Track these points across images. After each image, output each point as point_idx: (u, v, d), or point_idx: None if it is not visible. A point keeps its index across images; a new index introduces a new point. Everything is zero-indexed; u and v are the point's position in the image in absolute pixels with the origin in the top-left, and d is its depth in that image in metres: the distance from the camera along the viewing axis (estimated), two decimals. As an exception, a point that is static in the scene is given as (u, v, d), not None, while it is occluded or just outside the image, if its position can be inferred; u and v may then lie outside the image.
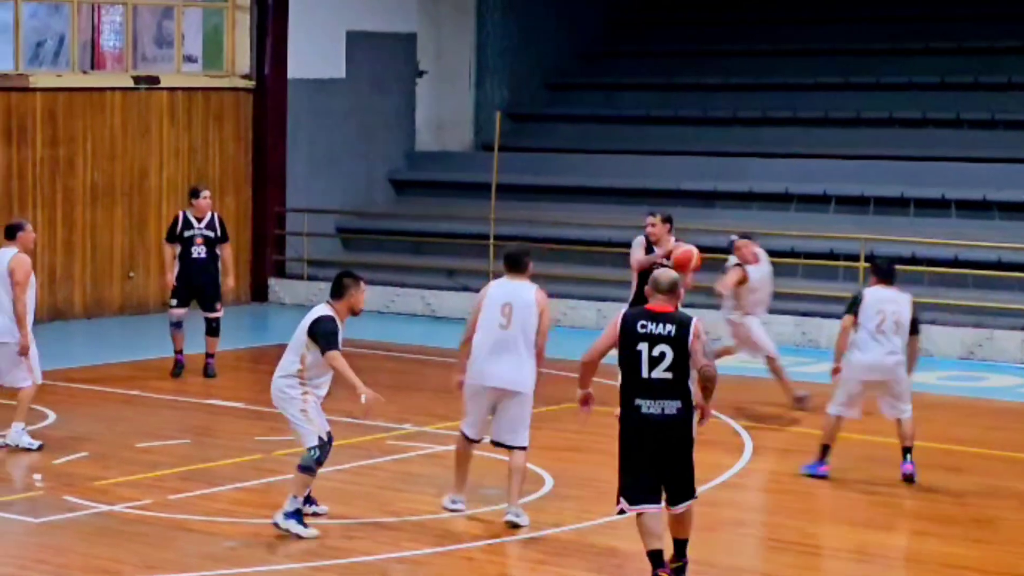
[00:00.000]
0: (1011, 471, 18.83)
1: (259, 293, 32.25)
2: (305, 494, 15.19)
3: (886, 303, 17.64)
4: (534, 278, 16.52)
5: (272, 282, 32.21)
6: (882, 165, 31.23)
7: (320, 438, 14.99)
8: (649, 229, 20.80)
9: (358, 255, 32.66)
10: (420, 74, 35.31)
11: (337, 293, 15.17)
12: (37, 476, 17.39)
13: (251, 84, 31.80)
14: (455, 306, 28.57)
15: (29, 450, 18.08)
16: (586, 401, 13.99)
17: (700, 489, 13.73)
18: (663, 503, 13.29)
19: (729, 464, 18.51)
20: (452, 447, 16.19)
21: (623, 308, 20.83)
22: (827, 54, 35.55)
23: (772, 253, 22.28)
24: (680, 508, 13.38)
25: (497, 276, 16.77)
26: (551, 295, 19.57)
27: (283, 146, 32.20)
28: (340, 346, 14.97)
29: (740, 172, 31.98)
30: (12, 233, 18.58)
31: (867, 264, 23.27)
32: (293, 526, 14.83)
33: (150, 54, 31.57)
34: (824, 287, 28.12)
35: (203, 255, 23.02)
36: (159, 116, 30.46)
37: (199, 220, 23.04)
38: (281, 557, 14.90)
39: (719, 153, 32.95)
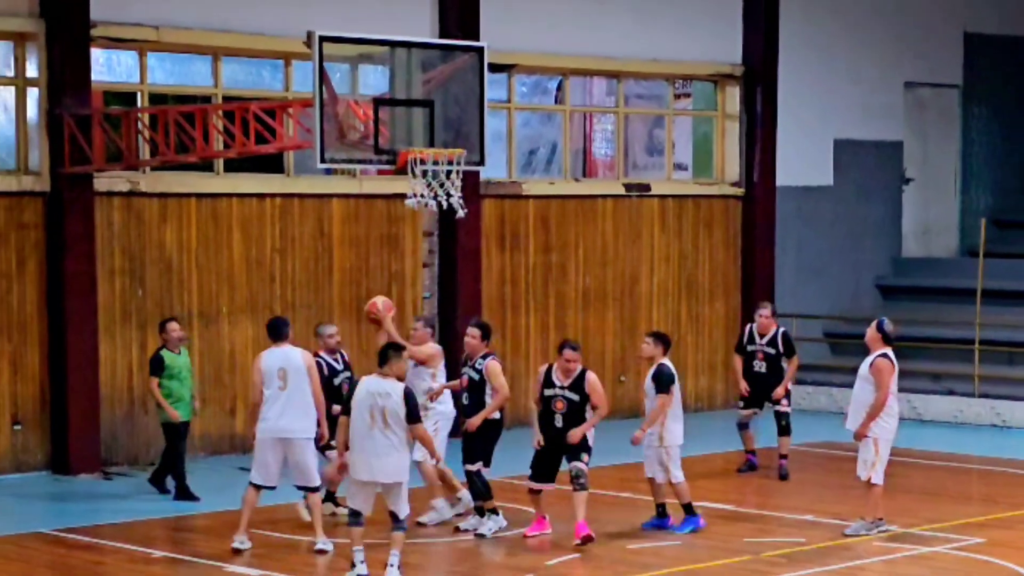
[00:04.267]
0: None
1: None
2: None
3: None
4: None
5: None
6: None
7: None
8: None
9: (845, 359, 32.11)
10: (906, 181, 35.05)
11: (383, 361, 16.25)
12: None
13: (740, 191, 31.91)
14: (941, 409, 27.88)
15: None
16: None
17: None
18: None
19: None
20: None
21: None
22: None
23: None
24: None
25: (984, 380, 16.81)
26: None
27: (771, 252, 32.21)
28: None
29: None
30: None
31: None
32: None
33: (641, 162, 31.93)
34: None
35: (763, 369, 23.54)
36: (650, 222, 30.71)
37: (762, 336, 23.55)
38: None
39: None
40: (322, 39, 20.31)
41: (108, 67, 24.50)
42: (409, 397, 16.00)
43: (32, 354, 23.46)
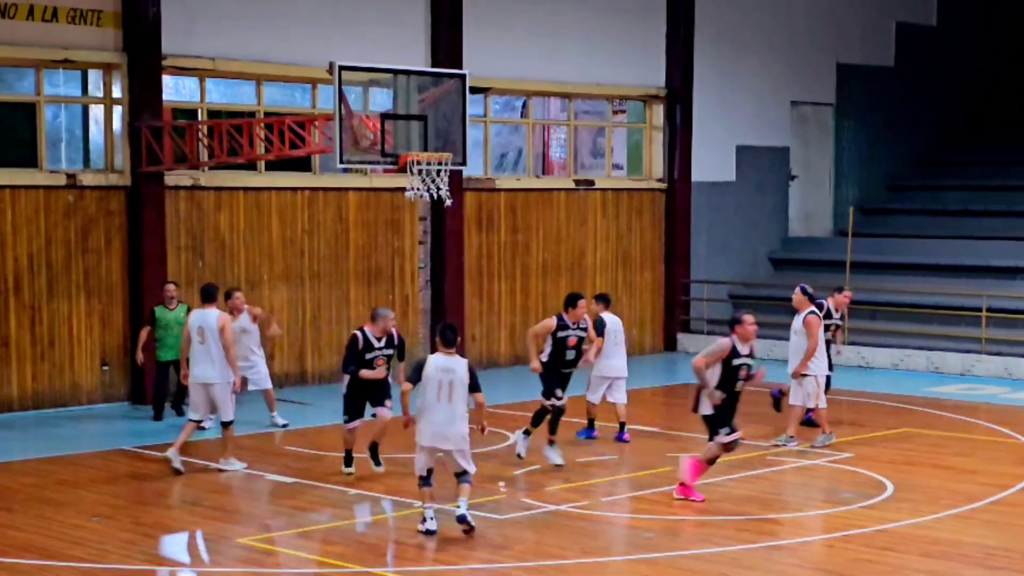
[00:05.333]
0: None
1: (669, 344, 32.18)
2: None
3: None
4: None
5: (680, 336, 32.15)
6: None
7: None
8: None
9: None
10: (792, 178, 35.00)
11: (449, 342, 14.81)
12: (501, 483, 17.29)
13: (663, 186, 31.81)
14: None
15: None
16: None
17: None
18: None
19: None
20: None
21: (951, 356, 20.05)
22: None
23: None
24: None
25: (852, 331, 16.62)
26: (889, 346, 19.72)
27: (687, 233, 32.16)
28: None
29: None
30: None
31: None
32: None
33: (587, 163, 32.00)
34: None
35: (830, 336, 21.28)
36: (594, 210, 30.65)
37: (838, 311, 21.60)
38: (688, 542, 14.62)
39: (1013, 237, 32.05)
40: (340, 68, 20.32)
41: (175, 89, 24.42)
42: (472, 370, 14.71)
43: (117, 312, 23.49)
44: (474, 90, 25.52)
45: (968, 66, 38.51)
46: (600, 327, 19.64)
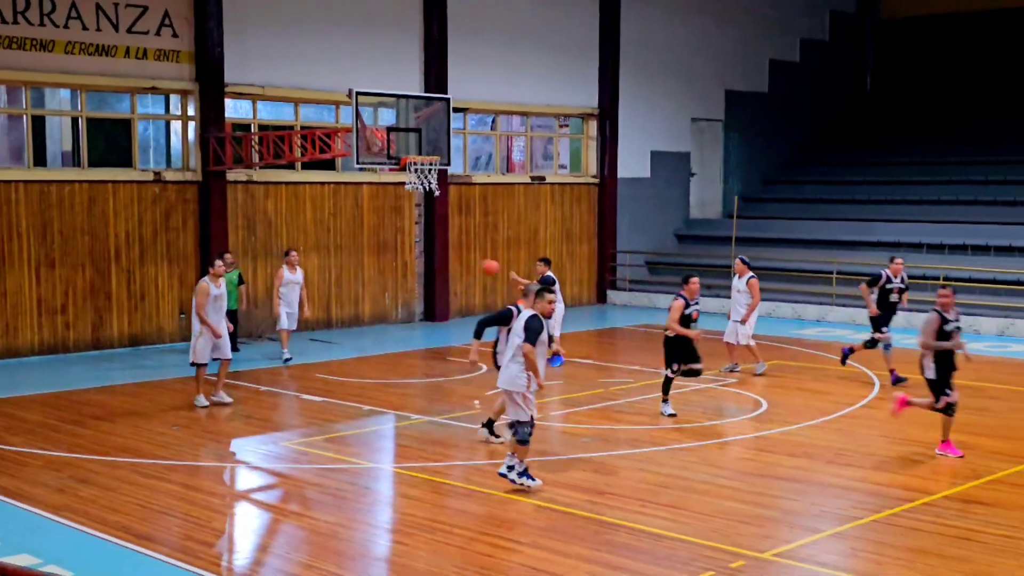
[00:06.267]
0: None
1: (601, 298, 32.05)
2: (525, 460, 12.27)
3: None
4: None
5: (609, 292, 32.03)
6: (958, 228, 30.16)
7: (532, 417, 12.24)
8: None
9: (656, 277, 32.65)
10: (692, 175, 34.88)
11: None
12: (476, 401, 17.07)
13: (597, 181, 31.76)
14: (715, 307, 27.78)
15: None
16: None
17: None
18: None
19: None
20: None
21: (809, 307, 19.17)
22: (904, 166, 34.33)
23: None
24: None
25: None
26: (764, 300, 19.39)
27: (614, 216, 32.05)
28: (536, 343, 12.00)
29: (867, 230, 31.27)
30: None
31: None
32: (525, 481, 12.06)
33: (539, 164, 31.92)
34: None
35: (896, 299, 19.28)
36: (545, 199, 30.59)
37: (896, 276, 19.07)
38: (616, 445, 14.49)
39: (855, 219, 32.26)
40: (356, 93, 20.35)
41: (234, 109, 24.34)
42: (529, 322, 12.09)
43: (190, 274, 23.40)
44: (456, 110, 25.75)
45: (822, 93, 38.71)
46: (551, 282, 19.24)
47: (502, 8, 28.74)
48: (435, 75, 26.95)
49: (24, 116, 22.14)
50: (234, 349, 21.20)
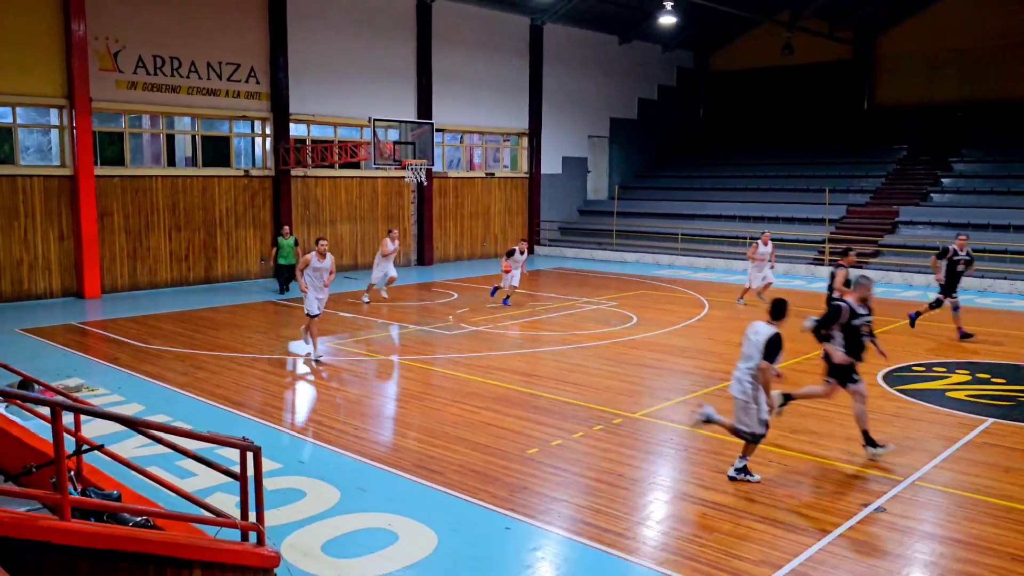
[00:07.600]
0: None
1: (531, 251, 30.69)
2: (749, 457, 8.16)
3: None
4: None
5: (536, 247, 31.33)
6: (761, 206, 29.93)
7: (766, 423, 7.99)
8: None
9: (566, 238, 31.89)
10: (588, 172, 34.49)
11: (778, 315, 7.91)
12: (450, 316, 16.14)
13: (528, 176, 31.14)
14: (609, 256, 27.81)
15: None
16: None
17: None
18: None
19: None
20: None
21: (663, 256, 16.47)
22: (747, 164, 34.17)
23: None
24: None
25: (622, 248, 15.02)
26: (636, 251, 17.98)
27: (538, 199, 31.40)
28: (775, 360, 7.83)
29: (700, 208, 30.90)
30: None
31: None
32: (744, 476, 8.06)
33: (490, 164, 31.74)
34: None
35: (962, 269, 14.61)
36: (495, 188, 30.06)
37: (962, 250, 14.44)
38: (538, 344, 13.82)
39: (692, 200, 31.80)
40: (374, 120, 20.48)
41: (295, 129, 23.51)
42: (771, 339, 7.76)
43: (267, 236, 23.01)
44: (438, 130, 25.92)
45: (671, 120, 38.16)
46: (509, 253, 17.95)
47: (466, 66, 28.21)
48: (424, 108, 26.58)
49: (161, 135, 21.73)
50: (286, 290, 19.95)
